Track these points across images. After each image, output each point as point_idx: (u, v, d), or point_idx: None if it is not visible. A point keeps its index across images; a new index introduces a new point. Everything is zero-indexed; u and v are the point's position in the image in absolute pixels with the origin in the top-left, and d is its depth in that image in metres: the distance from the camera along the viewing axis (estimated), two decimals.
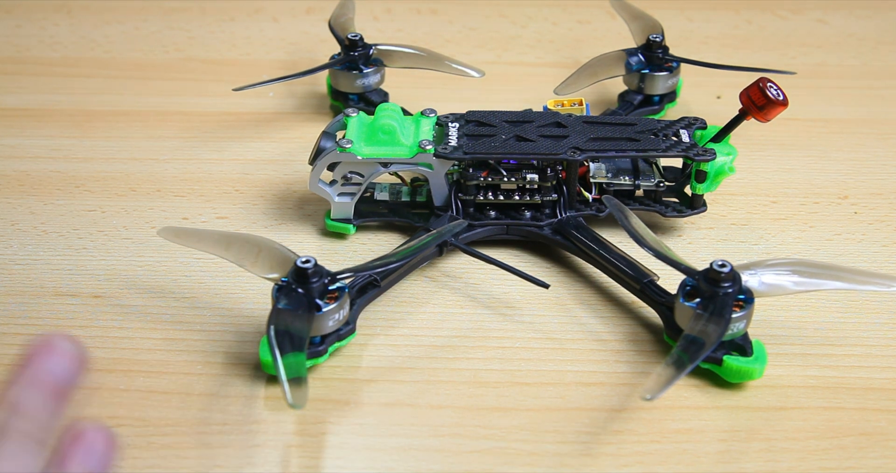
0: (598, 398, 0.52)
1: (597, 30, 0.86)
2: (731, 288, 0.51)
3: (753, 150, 0.69)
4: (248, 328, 0.56)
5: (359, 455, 0.49)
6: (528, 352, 0.55)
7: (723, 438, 0.50)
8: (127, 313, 0.57)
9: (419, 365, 0.54)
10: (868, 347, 0.55)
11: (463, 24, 0.86)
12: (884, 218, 0.64)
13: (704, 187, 0.61)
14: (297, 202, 0.65)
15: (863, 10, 0.89)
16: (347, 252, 0.61)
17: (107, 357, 0.54)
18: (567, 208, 0.61)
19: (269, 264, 0.53)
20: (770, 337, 0.54)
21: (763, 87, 0.58)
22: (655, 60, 0.71)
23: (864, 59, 0.82)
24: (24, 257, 0.60)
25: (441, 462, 0.49)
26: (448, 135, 0.61)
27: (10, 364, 0.53)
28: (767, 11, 0.89)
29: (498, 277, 0.59)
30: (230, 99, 0.74)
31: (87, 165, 0.68)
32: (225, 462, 0.48)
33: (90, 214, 0.64)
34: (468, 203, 0.61)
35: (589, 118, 0.62)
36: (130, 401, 0.51)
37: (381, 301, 0.58)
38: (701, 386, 0.53)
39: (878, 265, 0.61)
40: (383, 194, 0.63)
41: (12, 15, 0.86)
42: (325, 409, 0.51)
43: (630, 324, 0.56)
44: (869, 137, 0.72)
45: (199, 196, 0.66)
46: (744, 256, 0.61)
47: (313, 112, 0.74)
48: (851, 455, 0.49)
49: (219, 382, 0.52)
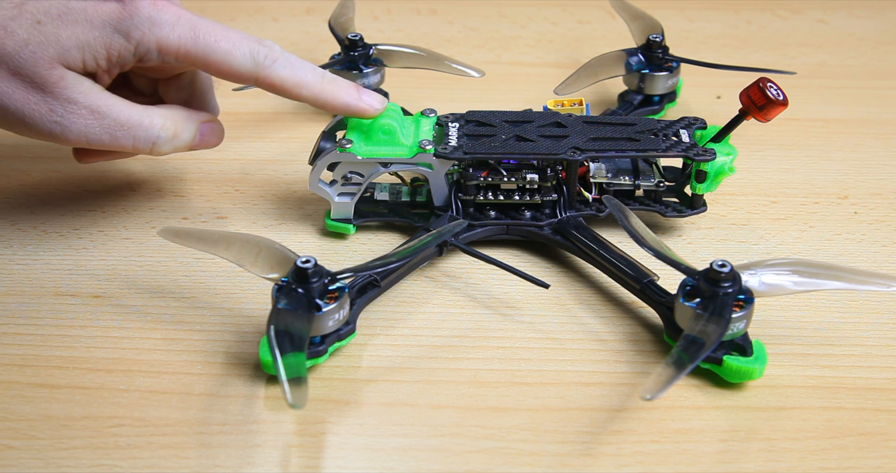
0: (598, 398, 0.52)
1: (597, 30, 0.86)
2: (731, 288, 0.51)
3: (753, 150, 0.69)
4: (248, 328, 0.56)
5: (359, 455, 0.49)
6: (528, 352, 0.55)
7: (723, 438, 0.50)
8: (127, 313, 0.57)
9: (419, 365, 0.54)
10: (868, 347, 0.55)
11: (463, 24, 0.86)
12: (884, 218, 0.64)
13: (704, 187, 0.61)
14: (297, 202, 0.65)
15: (863, 10, 0.89)
16: (347, 252, 0.61)
17: (107, 357, 0.54)
18: (567, 208, 0.61)
19: (269, 264, 0.53)
20: (770, 337, 0.54)
21: (763, 87, 0.58)
22: (655, 60, 0.71)
23: (864, 59, 0.82)
24: (24, 257, 0.60)
25: (441, 462, 0.49)
26: (448, 135, 0.61)
27: (9, 364, 0.53)
28: (767, 11, 0.89)
29: (498, 277, 0.59)
30: (230, 99, 0.74)
31: (87, 166, 0.68)
32: (225, 462, 0.48)
33: (90, 214, 0.64)
34: (468, 203, 0.61)
35: (589, 118, 0.62)
36: (130, 401, 0.51)
37: (381, 301, 0.58)
38: (701, 386, 0.53)
39: (878, 265, 0.61)
40: (383, 194, 0.63)
41: None
42: (325, 409, 0.51)
43: (630, 324, 0.56)
44: (869, 137, 0.72)
45: (199, 196, 0.66)
46: (744, 256, 0.61)
47: (313, 112, 0.74)
48: (851, 455, 0.49)
49: (219, 382, 0.52)
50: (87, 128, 0.54)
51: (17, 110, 0.53)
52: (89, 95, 0.54)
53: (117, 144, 0.55)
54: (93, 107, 0.54)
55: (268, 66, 0.55)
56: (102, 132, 0.54)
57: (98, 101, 0.54)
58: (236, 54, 0.55)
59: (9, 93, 0.53)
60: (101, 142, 0.55)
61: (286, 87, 0.56)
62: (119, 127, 0.54)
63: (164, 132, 0.56)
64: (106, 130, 0.54)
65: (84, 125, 0.54)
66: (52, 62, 0.52)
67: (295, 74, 0.56)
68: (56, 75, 0.53)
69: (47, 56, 0.52)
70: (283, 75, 0.56)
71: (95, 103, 0.54)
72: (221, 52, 0.54)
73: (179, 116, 0.57)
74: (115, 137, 0.55)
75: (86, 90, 0.54)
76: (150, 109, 0.56)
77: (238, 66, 0.55)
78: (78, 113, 0.54)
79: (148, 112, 0.56)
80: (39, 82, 0.53)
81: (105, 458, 0.48)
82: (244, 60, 0.55)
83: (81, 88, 0.54)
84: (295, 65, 0.56)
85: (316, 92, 0.57)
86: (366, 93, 0.58)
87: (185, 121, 0.57)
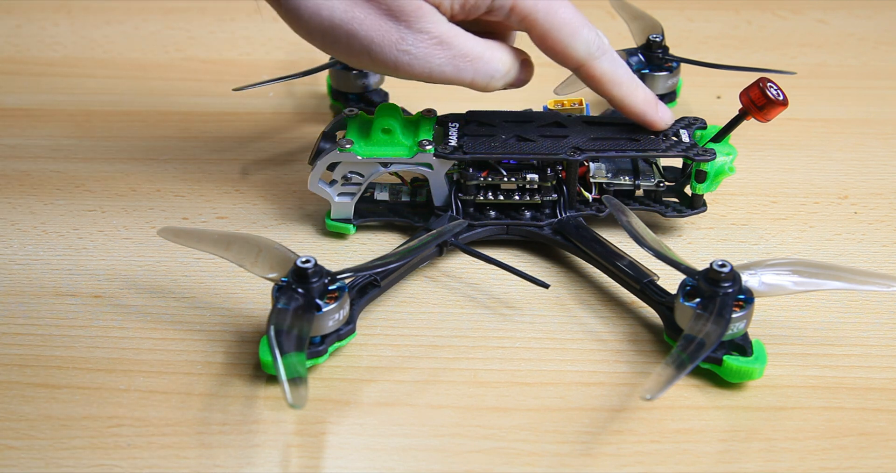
0: (598, 398, 0.52)
1: None
2: (731, 288, 0.51)
3: (753, 150, 0.69)
4: (248, 328, 0.56)
5: (359, 455, 0.49)
6: (528, 352, 0.55)
7: (723, 438, 0.50)
8: (127, 313, 0.57)
9: (419, 365, 0.54)
10: (868, 347, 0.55)
11: None
12: (884, 218, 0.64)
13: (704, 187, 0.61)
14: (297, 202, 0.65)
15: (863, 10, 0.89)
16: (347, 252, 0.61)
17: (107, 357, 0.54)
18: (567, 208, 0.61)
19: (269, 264, 0.53)
20: (770, 337, 0.55)
21: (763, 87, 0.58)
22: (655, 60, 0.71)
23: (864, 59, 0.82)
24: (24, 257, 0.60)
25: (441, 462, 0.49)
26: (448, 135, 0.61)
27: (9, 364, 0.53)
28: (767, 11, 0.89)
29: (498, 277, 0.59)
30: (230, 99, 0.74)
31: (87, 165, 0.68)
32: (225, 462, 0.48)
33: (90, 214, 0.64)
34: (468, 203, 0.61)
35: (589, 118, 0.62)
36: (130, 401, 0.51)
37: (381, 301, 0.58)
38: (701, 386, 0.53)
39: (878, 265, 0.61)
40: (383, 194, 0.63)
41: (12, 15, 0.86)
42: (325, 409, 0.51)
43: (630, 324, 0.56)
44: (869, 137, 0.72)
45: (199, 196, 0.66)
46: (744, 256, 0.61)
47: (313, 112, 0.74)
48: (851, 455, 0.49)
49: (219, 382, 0.52)
50: (434, 58, 0.54)
51: (366, 37, 0.54)
52: (440, 26, 0.54)
53: (458, 77, 0.55)
54: (442, 37, 0.54)
55: (597, 57, 0.56)
56: (446, 63, 0.55)
57: (448, 31, 0.54)
58: (577, 39, 0.56)
59: (361, 19, 0.53)
60: (444, 73, 0.55)
61: (604, 80, 0.57)
62: (463, 58, 0.55)
63: (503, 66, 0.56)
64: (450, 60, 0.55)
65: (431, 56, 0.54)
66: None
67: (616, 71, 0.57)
68: (415, 5, 0.53)
69: None
70: (605, 69, 0.57)
71: (446, 33, 0.54)
72: (566, 33, 0.55)
73: (511, 52, 0.57)
74: (458, 69, 0.55)
75: (438, 21, 0.54)
76: (490, 43, 0.56)
77: (573, 50, 0.56)
78: (426, 42, 0.54)
79: (489, 46, 0.56)
80: (396, 10, 0.53)
81: (105, 458, 0.48)
82: (580, 47, 0.56)
83: (434, 18, 0.54)
84: (617, 62, 0.57)
85: (625, 93, 0.58)
86: (663, 107, 0.60)
87: (514, 57, 0.57)
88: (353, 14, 0.53)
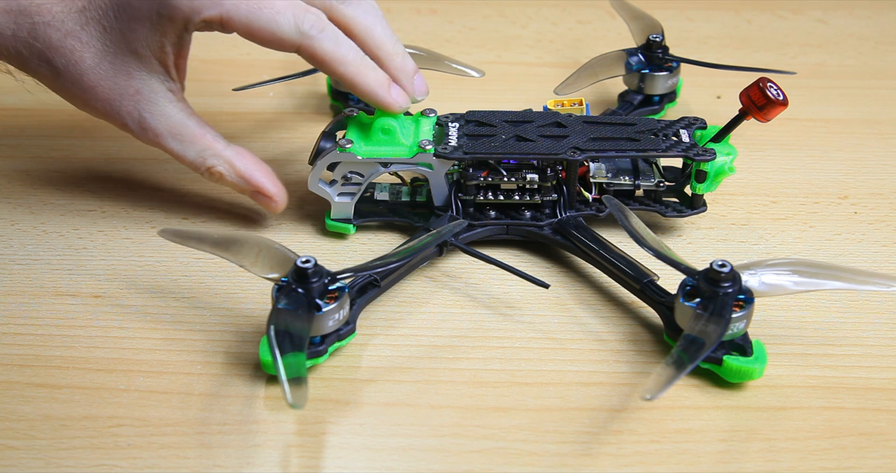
0: (598, 398, 0.52)
1: (597, 30, 0.86)
2: (731, 288, 0.51)
3: (753, 150, 0.69)
4: (248, 328, 0.56)
5: (359, 455, 0.49)
6: (528, 352, 0.55)
7: (723, 438, 0.50)
8: (127, 313, 0.57)
9: (419, 365, 0.54)
10: (868, 347, 0.55)
11: (463, 24, 0.87)
12: (884, 218, 0.64)
13: (704, 187, 0.61)
14: (297, 202, 0.65)
15: (863, 10, 0.89)
16: (347, 252, 0.61)
17: (107, 357, 0.54)
18: (567, 208, 0.61)
19: (269, 264, 0.53)
20: (770, 337, 0.54)
21: (763, 87, 0.58)
22: (655, 60, 0.71)
23: (864, 59, 0.82)
24: (24, 257, 0.60)
25: (441, 462, 0.49)
26: (448, 135, 0.61)
27: (9, 364, 0.53)
28: (767, 11, 0.89)
29: (498, 277, 0.59)
30: (230, 99, 0.74)
31: (87, 165, 0.68)
32: (225, 462, 0.48)
33: (90, 214, 0.64)
34: (468, 203, 0.61)
35: (589, 118, 0.62)
36: (130, 401, 0.51)
37: (381, 301, 0.58)
38: (701, 386, 0.53)
39: (878, 265, 0.61)
40: (383, 194, 0.63)
41: None
42: (325, 409, 0.51)
43: (630, 324, 0.56)
44: (869, 137, 0.72)
45: (198, 196, 0.66)
46: (744, 256, 0.61)
47: (313, 112, 0.74)
48: (851, 455, 0.49)
49: (219, 382, 0.52)
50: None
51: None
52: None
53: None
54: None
55: (313, 36, 0.55)
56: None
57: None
58: (280, 20, 0.54)
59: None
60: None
61: (326, 60, 0.56)
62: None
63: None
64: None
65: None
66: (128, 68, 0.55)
67: (338, 50, 0.56)
68: (133, 88, 0.56)
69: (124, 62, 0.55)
70: (326, 49, 0.55)
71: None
72: (266, 17, 0.54)
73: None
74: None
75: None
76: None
77: (281, 33, 0.55)
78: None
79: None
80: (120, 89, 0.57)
81: (105, 458, 0.48)
82: (288, 28, 0.55)
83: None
84: (339, 40, 0.56)
85: (352, 72, 0.56)
86: (396, 89, 0.58)
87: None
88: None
